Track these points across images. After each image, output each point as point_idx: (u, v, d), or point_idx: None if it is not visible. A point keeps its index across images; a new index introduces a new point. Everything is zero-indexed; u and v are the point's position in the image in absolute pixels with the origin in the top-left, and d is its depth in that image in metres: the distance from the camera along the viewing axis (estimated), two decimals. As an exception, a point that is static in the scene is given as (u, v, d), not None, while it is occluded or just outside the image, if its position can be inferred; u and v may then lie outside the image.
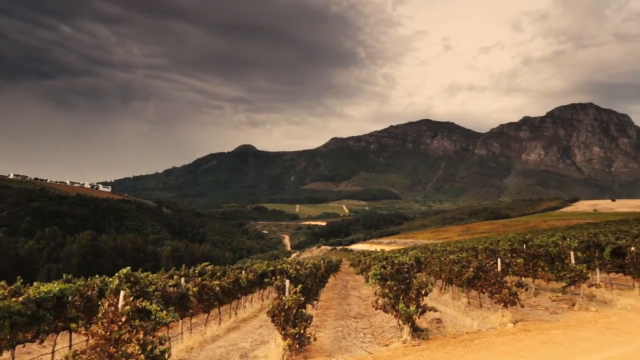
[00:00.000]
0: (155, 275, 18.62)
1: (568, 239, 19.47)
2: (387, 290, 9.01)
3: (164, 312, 5.77)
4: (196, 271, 19.49)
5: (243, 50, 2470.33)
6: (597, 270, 14.41)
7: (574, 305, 11.57)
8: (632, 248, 12.95)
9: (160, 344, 5.47)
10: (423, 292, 8.95)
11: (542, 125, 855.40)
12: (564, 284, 12.25)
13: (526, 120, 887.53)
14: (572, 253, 12.72)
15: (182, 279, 12.00)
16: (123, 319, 5.33)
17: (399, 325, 9.27)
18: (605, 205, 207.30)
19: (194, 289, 11.61)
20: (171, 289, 10.63)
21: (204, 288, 12.34)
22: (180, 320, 11.43)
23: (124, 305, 5.53)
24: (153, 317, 5.61)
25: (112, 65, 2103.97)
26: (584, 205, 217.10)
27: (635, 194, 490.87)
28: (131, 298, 5.75)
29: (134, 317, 5.42)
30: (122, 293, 5.79)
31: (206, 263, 22.26)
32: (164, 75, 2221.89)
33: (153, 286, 9.37)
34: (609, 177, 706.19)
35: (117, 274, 7.31)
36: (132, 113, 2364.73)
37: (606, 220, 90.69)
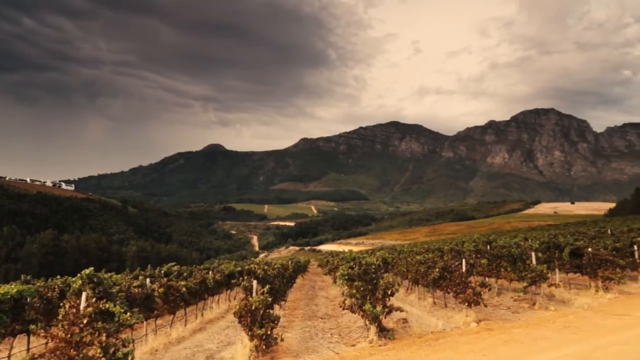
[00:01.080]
0: (119, 275, 18.24)
1: (530, 240, 20.04)
2: (354, 291, 9.08)
3: (128, 313, 5.65)
4: (162, 272, 19.19)
5: (214, 49, 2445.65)
6: (557, 270, 14.89)
7: (534, 304, 11.92)
8: (589, 249, 13.45)
9: (124, 346, 5.36)
10: (389, 293, 9.06)
11: (506, 129, 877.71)
12: (525, 283, 12.60)
13: (492, 124, 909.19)
14: (533, 254, 13.11)
15: (148, 280, 11.79)
16: (85, 321, 5.20)
17: (366, 325, 9.35)
18: (565, 207, 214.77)
19: (159, 290, 11.41)
20: (136, 289, 10.43)
21: (170, 289, 12.14)
22: (144, 322, 11.21)
23: (86, 307, 5.39)
24: (116, 318, 5.49)
25: (77, 61, 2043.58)
26: (545, 208, 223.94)
27: (592, 196, 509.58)
28: (94, 299, 5.62)
29: (97, 318, 5.30)
30: (84, 294, 5.65)
31: (172, 263, 21.94)
32: (132, 72, 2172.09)
33: (117, 287, 9.18)
34: (569, 181, 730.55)
35: (79, 275, 7.12)
36: (97, 110, 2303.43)
37: (566, 222, 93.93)
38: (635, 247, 14.33)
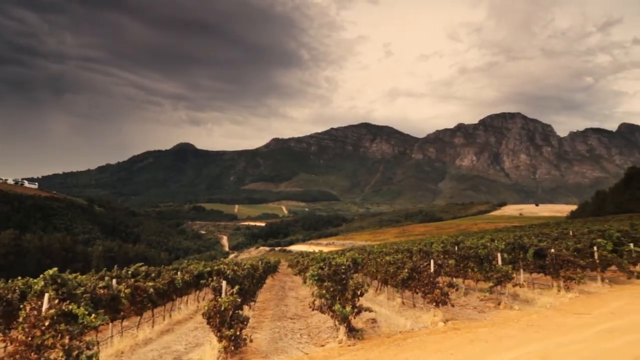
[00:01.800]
0: (84, 276, 17.77)
1: (496, 241, 20.48)
2: (324, 291, 9.11)
3: (93, 315, 5.52)
4: (129, 272, 18.79)
5: (186, 47, 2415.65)
6: (521, 270, 15.28)
7: (499, 304, 12.20)
8: (552, 250, 13.85)
9: (88, 348, 5.23)
10: (359, 293, 9.12)
11: (474, 132, 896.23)
12: (491, 284, 12.88)
13: (460, 127, 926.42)
14: (499, 254, 13.42)
15: (114, 280, 11.53)
16: (46, 323, 5.05)
17: (335, 325, 9.39)
18: (529, 209, 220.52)
19: (126, 291, 11.18)
20: (101, 290, 10.20)
21: (137, 289, 11.91)
22: (110, 323, 10.97)
23: (48, 309, 5.24)
24: (80, 320, 5.35)
25: (42, 55, 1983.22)
26: (511, 209, 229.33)
27: (556, 199, 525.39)
28: (56, 301, 5.46)
29: (59, 320, 5.15)
30: (46, 295, 5.48)
31: (140, 264, 21.52)
32: (100, 68, 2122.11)
33: (82, 288, 8.95)
34: (534, 183, 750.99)
35: (42, 276, 6.93)
36: (63, 106, 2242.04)
37: (530, 223, 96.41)
38: (595, 248, 14.83)
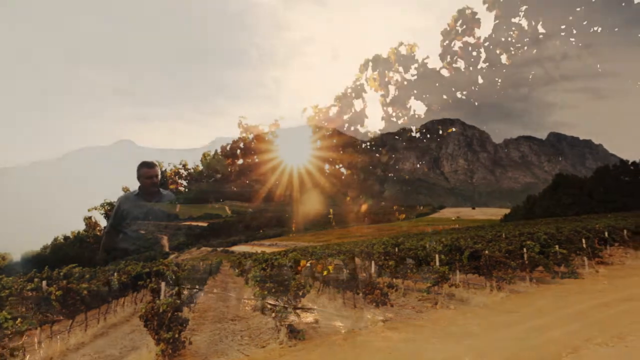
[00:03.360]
0: (11, 278, 16.76)
1: (434, 243, 21.17)
2: (266, 292, 9.10)
3: (18, 319, 5.23)
4: (61, 273, 17.94)
5: (131, 40, 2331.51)
6: (457, 271, 15.89)
7: (436, 304, 12.63)
8: (486, 252, 14.52)
9: (12, 355, 4.96)
10: (301, 294, 9.18)
11: (417, 137, 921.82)
12: (429, 284, 13.32)
13: (404, 131, 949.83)
14: (437, 256, 13.91)
15: (44, 282, 10.96)
16: (-33, 328, 4.74)
17: (277, 326, 9.40)
18: (466, 212, 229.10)
19: (57, 293, 10.65)
20: (30, 293, 9.67)
21: (70, 292, 11.36)
22: (39, 328, 10.40)
23: (-31, 313, 4.91)
24: (3, 325, 5.06)
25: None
26: (449, 212, 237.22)
27: (491, 202, 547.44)
28: (-21, 304, 5.14)
29: (-18, 325, 4.85)
30: (-33, 299, 5.15)
31: (73, 265, 20.60)
32: (34, 56, 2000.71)
33: (7, 290, 8.46)
34: (471, 187, 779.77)
35: (-38, 278, 6.49)
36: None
37: (467, 226, 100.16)
38: (525, 250, 15.67)
